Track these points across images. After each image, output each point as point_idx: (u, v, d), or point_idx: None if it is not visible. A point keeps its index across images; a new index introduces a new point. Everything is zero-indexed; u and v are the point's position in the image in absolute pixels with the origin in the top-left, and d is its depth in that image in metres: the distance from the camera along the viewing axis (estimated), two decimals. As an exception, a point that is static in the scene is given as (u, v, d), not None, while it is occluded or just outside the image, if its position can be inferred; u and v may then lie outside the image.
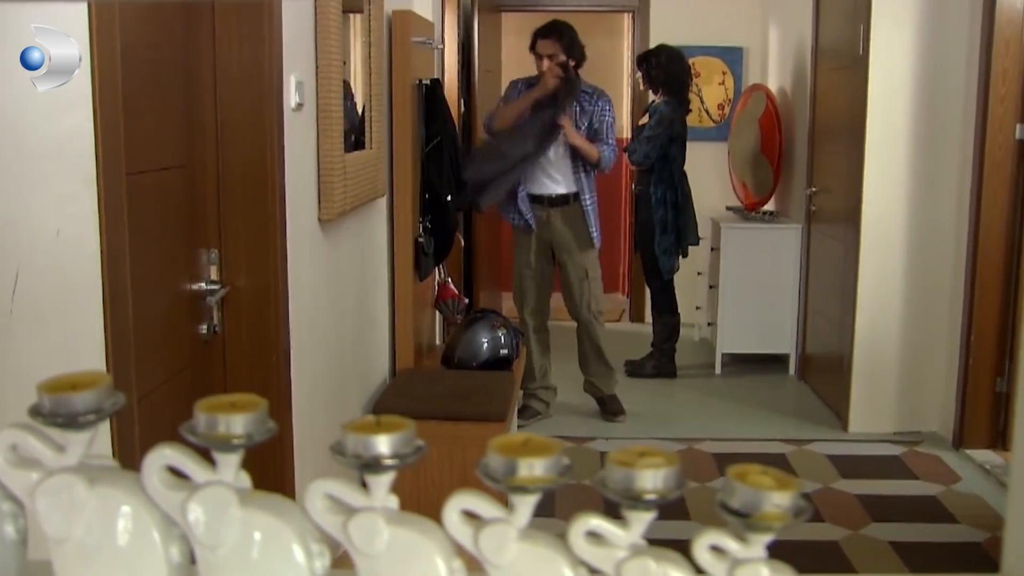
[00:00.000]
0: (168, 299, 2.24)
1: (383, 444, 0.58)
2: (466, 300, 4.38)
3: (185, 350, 2.34)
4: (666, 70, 5.15)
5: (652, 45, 5.69)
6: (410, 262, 3.83)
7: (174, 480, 0.62)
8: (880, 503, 3.83)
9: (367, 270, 3.49)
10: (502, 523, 0.59)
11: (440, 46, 4.67)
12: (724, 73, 6.63)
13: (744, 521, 0.58)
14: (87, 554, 0.62)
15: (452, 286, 4.28)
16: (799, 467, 4.19)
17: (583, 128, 4.49)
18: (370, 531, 0.59)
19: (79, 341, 1.61)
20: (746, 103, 6.23)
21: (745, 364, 5.75)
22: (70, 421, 0.61)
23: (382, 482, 0.59)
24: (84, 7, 1.53)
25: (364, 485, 0.61)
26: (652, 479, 0.58)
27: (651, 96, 5.43)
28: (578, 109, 4.48)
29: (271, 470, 2.44)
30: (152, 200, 2.09)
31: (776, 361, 5.73)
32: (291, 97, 2.56)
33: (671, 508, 0.68)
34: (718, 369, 5.68)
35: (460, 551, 0.61)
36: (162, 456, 0.61)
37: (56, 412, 0.61)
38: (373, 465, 0.58)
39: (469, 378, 3.76)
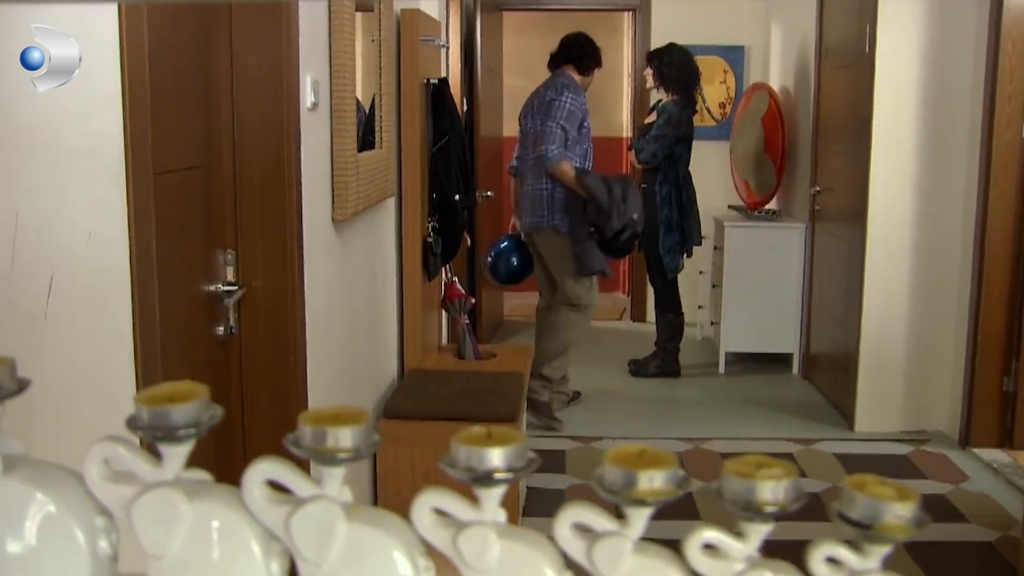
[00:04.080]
0: (187, 300, 2.22)
1: (497, 457, 0.57)
2: (472, 300, 4.35)
3: (203, 351, 2.32)
4: (677, 68, 5.13)
5: (653, 44, 5.68)
6: (419, 262, 3.81)
7: (274, 494, 0.60)
8: (890, 502, 3.82)
9: (377, 271, 3.47)
10: (617, 536, 0.58)
11: (446, 45, 4.65)
12: (725, 72, 6.62)
13: (864, 532, 0.57)
14: (185, 570, 0.60)
15: (459, 286, 4.26)
16: (807, 466, 4.19)
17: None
18: (481, 545, 0.58)
19: (110, 344, 1.59)
20: (748, 102, 6.22)
21: (748, 363, 5.75)
22: (168, 434, 0.59)
23: (493, 495, 0.58)
24: (115, 8, 1.51)
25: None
26: (772, 491, 0.57)
27: (655, 95, 5.42)
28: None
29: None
30: (172, 201, 2.07)
31: (779, 360, 5.73)
32: (307, 97, 2.54)
33: (680, 507, 0.66)
34: (722, 368, 5.68)
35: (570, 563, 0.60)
36: (263, 470, 0.59)
37: (155, 425, 0.59)
38: (485, 479, 0.57)
39: (478, 378, 3.75)
